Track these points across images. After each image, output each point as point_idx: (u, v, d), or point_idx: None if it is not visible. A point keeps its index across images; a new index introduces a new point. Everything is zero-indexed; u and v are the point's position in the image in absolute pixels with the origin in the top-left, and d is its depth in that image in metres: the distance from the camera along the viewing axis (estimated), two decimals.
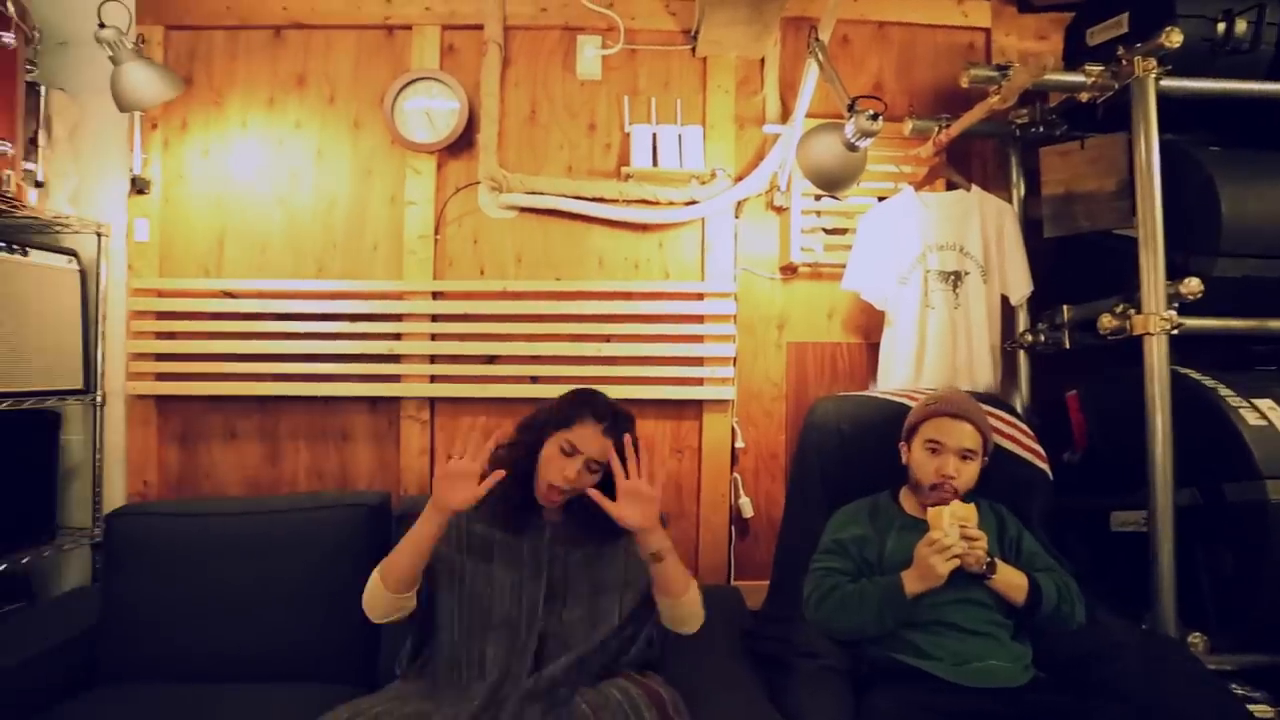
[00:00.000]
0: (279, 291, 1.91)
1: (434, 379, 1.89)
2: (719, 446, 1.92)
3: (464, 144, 1.93)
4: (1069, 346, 1.74)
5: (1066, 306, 1.75)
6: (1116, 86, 1.56)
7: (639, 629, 1.34)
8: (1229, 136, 1.72)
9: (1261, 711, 1.30)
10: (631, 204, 1.92)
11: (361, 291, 1.91)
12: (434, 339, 1.90)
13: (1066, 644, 1.30)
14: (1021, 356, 1.90)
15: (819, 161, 1.63)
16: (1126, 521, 1.58)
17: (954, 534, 1.23)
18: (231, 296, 1.91)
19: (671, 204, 1.92)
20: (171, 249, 1.95)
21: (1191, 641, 1.40)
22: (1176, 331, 1.47)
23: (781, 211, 1.95)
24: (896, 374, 1.83)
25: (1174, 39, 1.45)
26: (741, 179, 1.93)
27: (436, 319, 1.91)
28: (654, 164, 1.86)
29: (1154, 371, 1.46)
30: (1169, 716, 1.12)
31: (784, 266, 1.95)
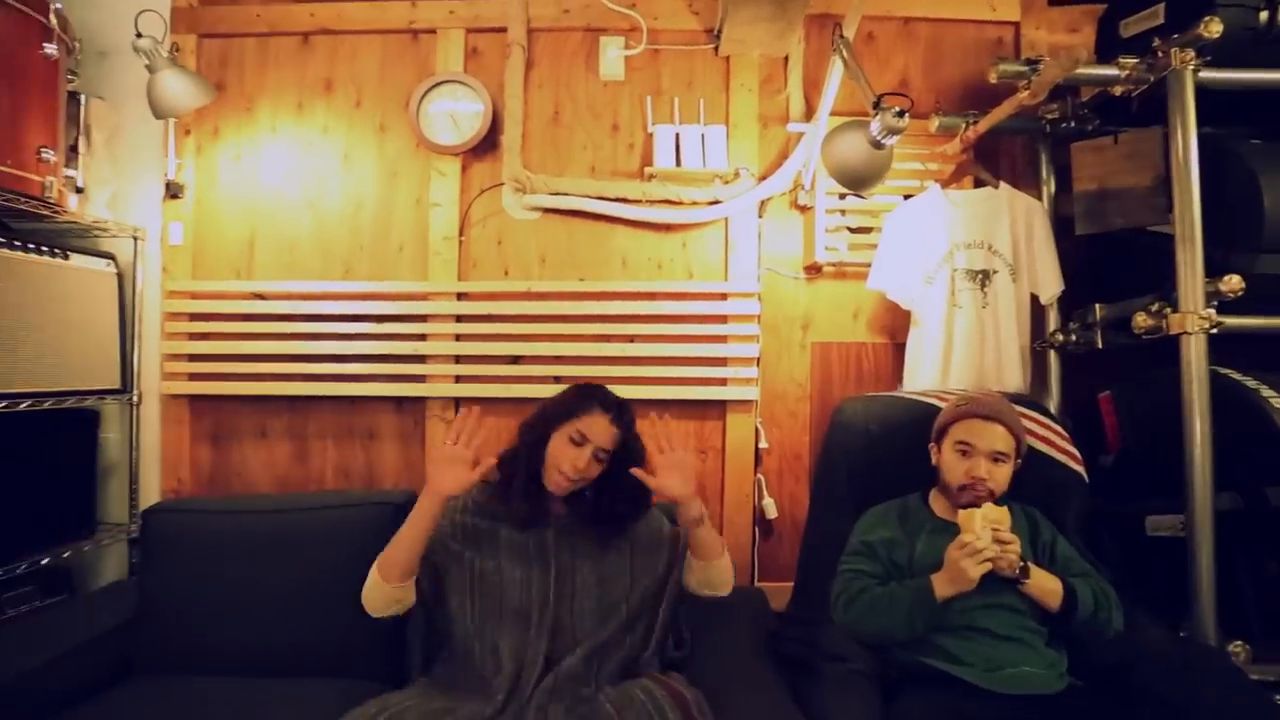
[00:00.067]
0: (307, 293, 1.95)
1: (459, 379, 1.91)
2: (743, 447, 1.91)
3: (488, 146, 1.94)
4: (1101, 346, 1.70)
5: (1099, 305, 1.71)
6: (1152, 79, 1.52)
7: (653, 620, 1.36)
8: (1270, 129, 1.66)
9: None
10: (655, 204, 1.92)
11: (387, 293, 1.93)
12: (459, 339, 1.92)
13: (1103, 651, 1.27)
14: (1052, 357, 1.86)
15: (844, 160, 1.61)
16: (1163, 526, 1.54)
17: (986, 537, 1.21)
18: (261, 298, 1.95)
19: (695, 204, 1.91)
20: (204, 251, 2.00)
21: (1233, 650, 1.37)
22: (1216, 331, 1.43)
23: (806, 210, 1.94)
24: (923, 375, 1.81)
25: (1213, 29, 1.40)
26: (765, 178, 1.92)
27: (461, 319, 1.93)
28: (677, 164, 1.86)
29: (1192, 372, 1.42)
30: None
31: (808, 266, 1.93)
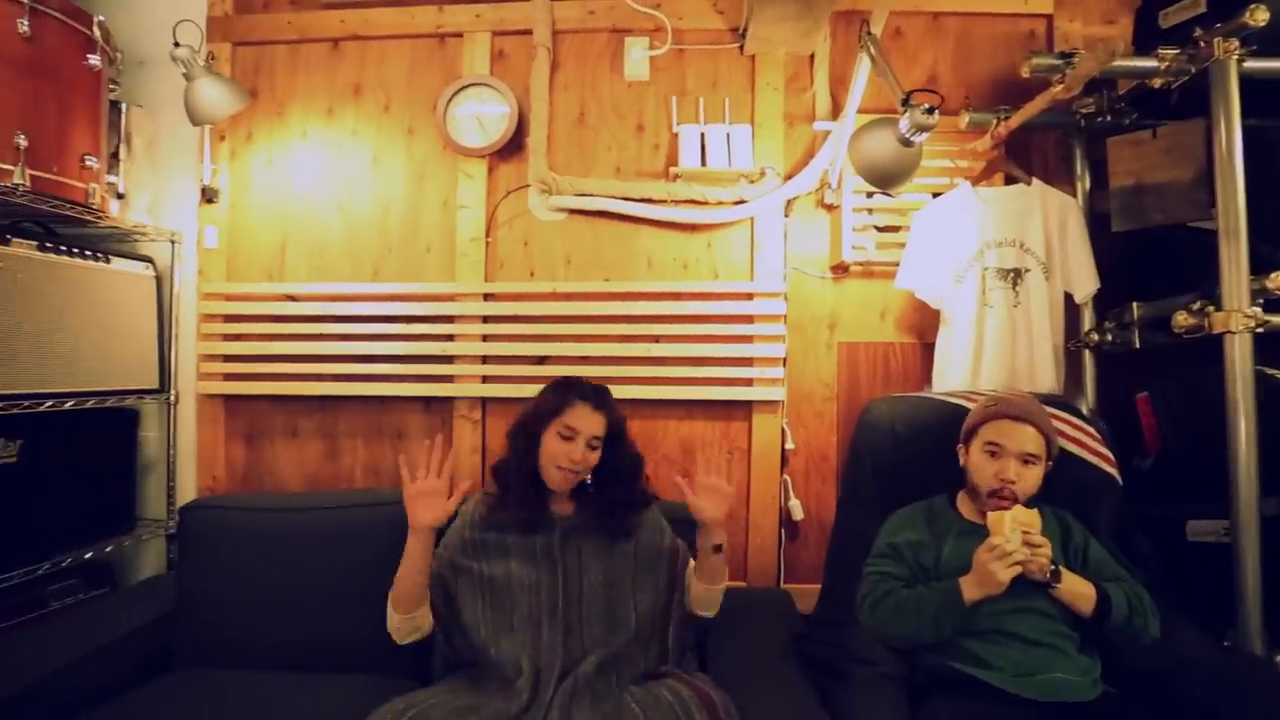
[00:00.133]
0: (337, 294, 1.98)
1: (485, 379, 1.93)
2: (769, 448, 1.90)
3: (514, 147, 1.96)
4: (1139, 346, 1.66)
5: (1136, 304, 1.66)
6: (1193, 70, 1.48)
7: (664, 640, 1.37)
8: None
9: None
10: (680, 204, 1.92)
11: (415, 294, 1.96)
12: (485, 340, 1.94)
13: (1140, 658, 1.24)
14: (1086, 356, 1.82)
15: (872, 158, 1.59)
16: (1205, 531, 1.50)
17: (1016, 540, 1.19)
18: (293, 299, 1.99)
19: (720, 204, 1.90)
20: (238, 254, 2.05)
21: None
22: (1262, 330, 1.38)
23: (832, 209, 1.92)
24: (952, 375, 1.78)
25: (1259, 17, 1.36)
26: (791, 177, 1.91)
27: (488, 320, 1.94)
28: (702, 164, 1.86)
29: (1236, 372, 1.38)
30: None
31: (835, 265, 1.91)
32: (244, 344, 2.00)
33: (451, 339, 1.94)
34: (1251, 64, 1.43)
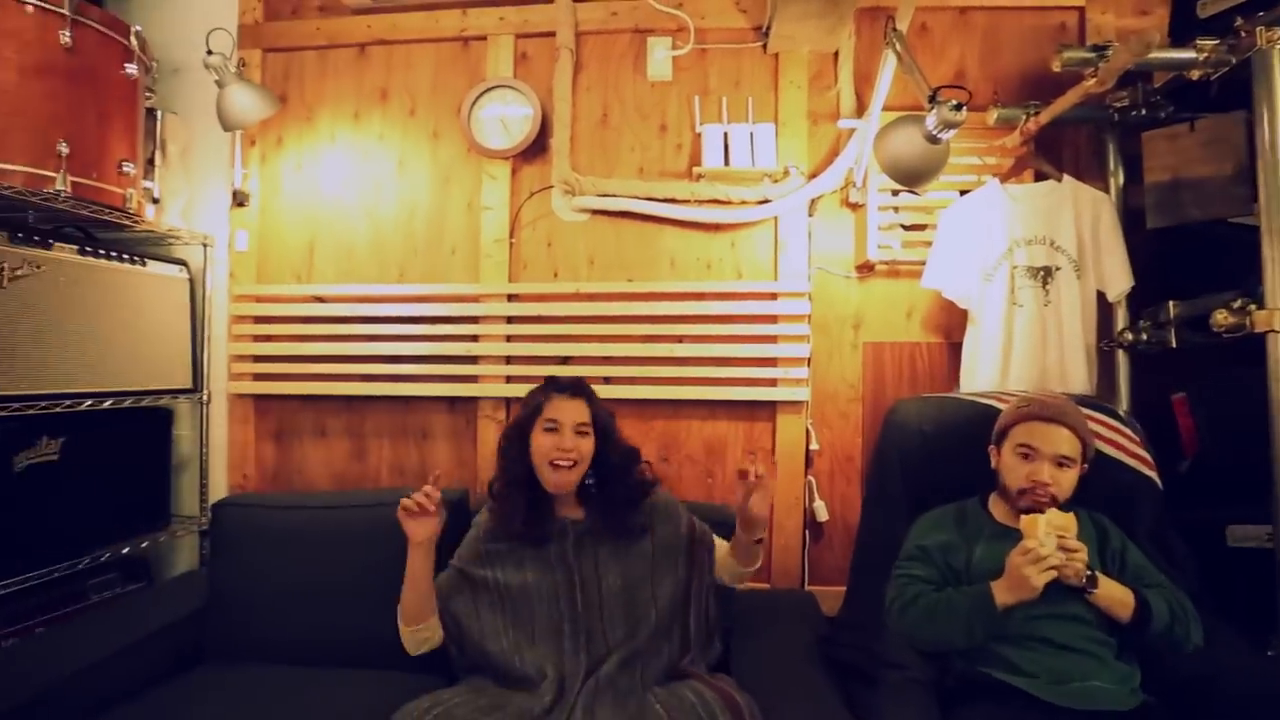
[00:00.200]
0: (364, 296, 2.01)
1: (509, 379, 1.94)
2: (793, 449, 1.89)
3: (537, 149, 1.97)
4: (1175, 345, 1.62)
5: (1172, 303, 1.62)
6: (1234, 61, 1.43)
7: (685, 626, 1.36)
8: None
9: None
10: (703, 204, 1.91)
11: (440, 295, 1.98)
12: (509, 340, 1.95)
13: (1181, 667, 1.21)
14: (1120, 356, 1.77)
15: (898, 155, 1.57)
16: (1247, 537, 1.45)
17: (1050, 543, 1.16)
18: (321, 301, 2.02)
19: (744, 203, 1.89)
20: (268, 257, 2.09)
21: None
22: None
23: (857, 208, 1.90)
24: (981, 375, 1.75)
25: None
26: (815, 176, 1.89)
27: (512, 321, 1.96)
28: (725, 163, 1.85)
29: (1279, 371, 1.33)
30: None
31: (860, 264, 1.89)
32: (273, 345, 2.04)
33: (476, 339, 1.96)
34: None
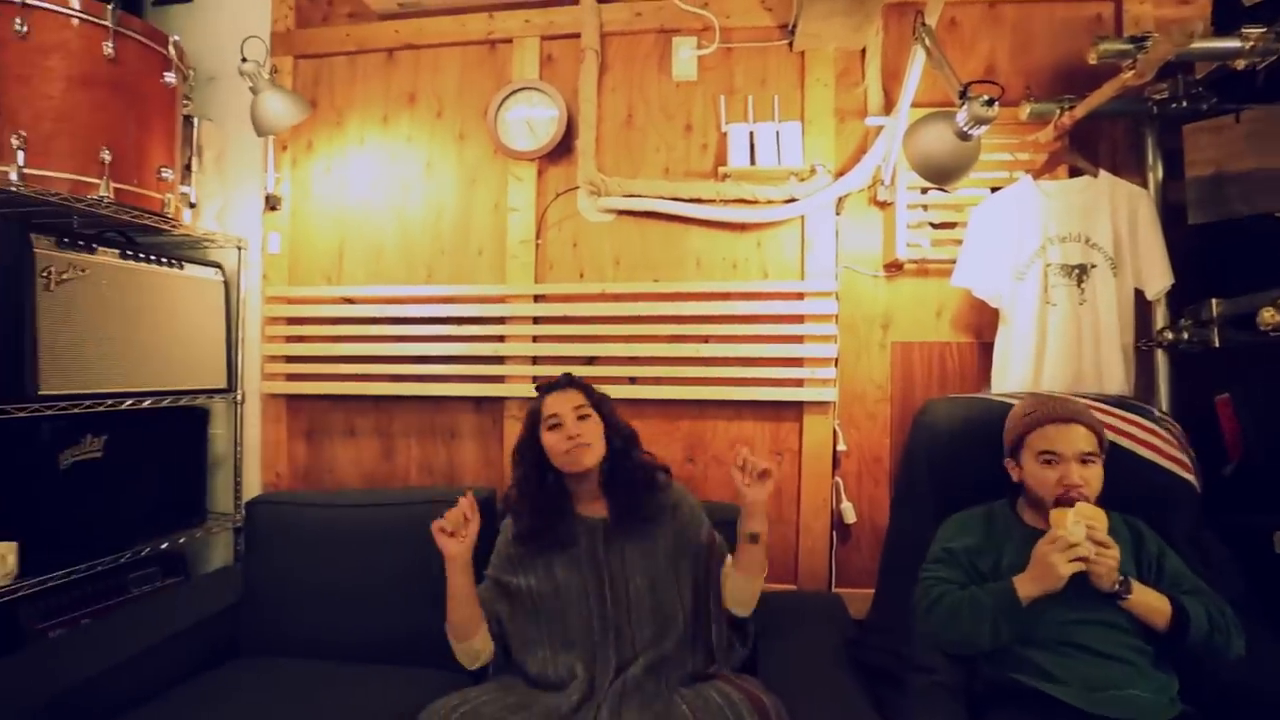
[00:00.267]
0: (392, 297, 2.04)
1: (536, 379, 1.92)
2: (820, 450, 1.87)
3: (563, 150, 1.98)
4: (1219, 345, 1.57)
5: (1215, 300, 1.57)
6: None
7: (707, 634, 1.36)
8: None
9: None
10: (729, 204, 1.90)
11: (467, 295, 2.00)
12: (535, 340, 1.97)
13: (1221, 676, 1.17)
14: (1159, 356, 1.72)
15: (928, 152, 1.55)
16: None
17: (1079, 532, 1.13)
18: (350, 302, 2.06)
19: (770, 202, 1.88)
20: (299, 259, 2.13)
21: None
22: None
23: (885, 206, 1.87)
24: (1013, 375, 1.71)
25: None
26: (842, 174, 1.87)
27: (538, 321, 1.97)
28: (751, 162, 1.84)
29: None
30: None
31: (888, 263, 1.87)
32: (304, 345, 2.08)
33: (502, 340, 1.98)
34: None
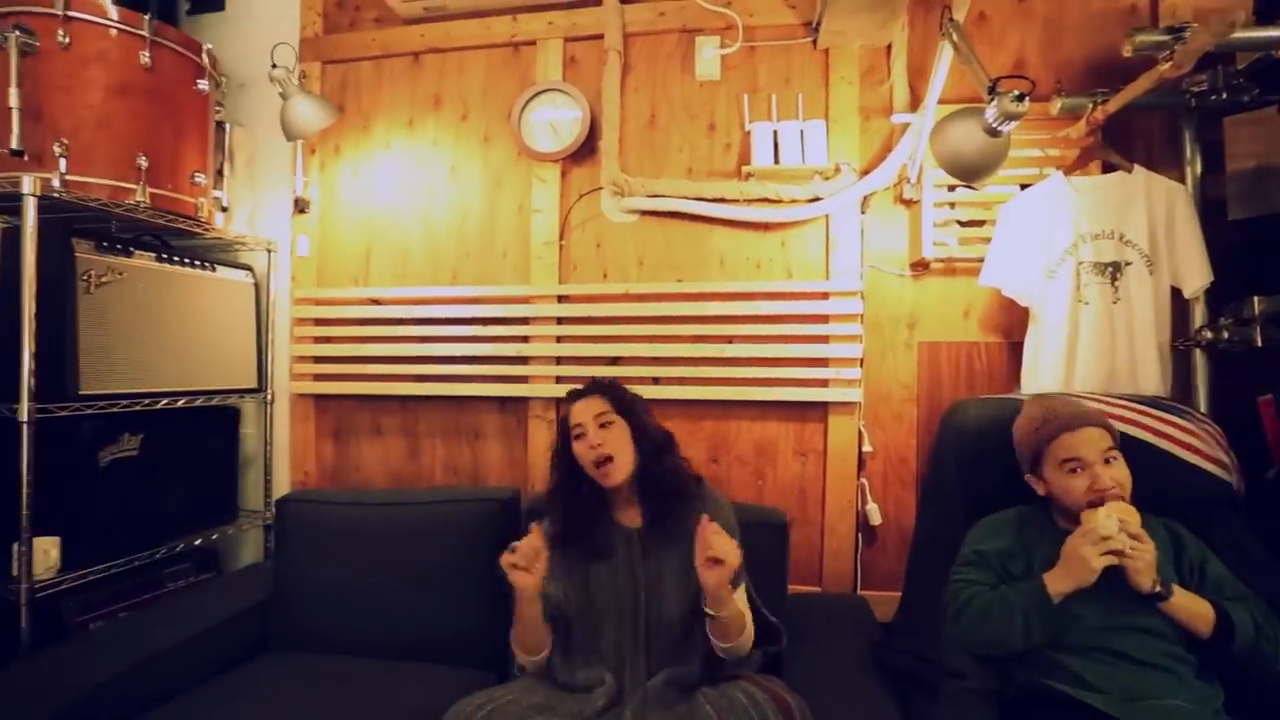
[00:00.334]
0: (418, 298, 2.06)
1: (559, 380, 1.96)
2: (845, 450, 1.85)
3: (586, 151, 1.98)
4: (1261, 344, 1.52)
5: (1257, 298, 1.52)
6: None
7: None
8: None
9: None
10: (753, 203, 1.89)
11: (492, 296, 2.01)
12: (559, 341, 1.97)
13: (1270, 686, 1.13)
14: (1198, 356, 1.67)
15: (956, 150, 1.52)
16: None
17: (1112, 524, 1.10)
18: (377, 304, 2.09)
19: (794, 201, 1.87)
20: (327, 261, 2.16)
21: None
22: None
23: (911, 205, 1.85)
24: (1043, 376, 1.68)
25: None
26: (868, 172, 1.85)
27: (562, 321, 1.98)
28: (775, 161, 1.83)
29: None
30: None
31: (915, 262, 1.84)
32: (332, 346, 2.11)
33: (526, 340, 1.99)
34: None
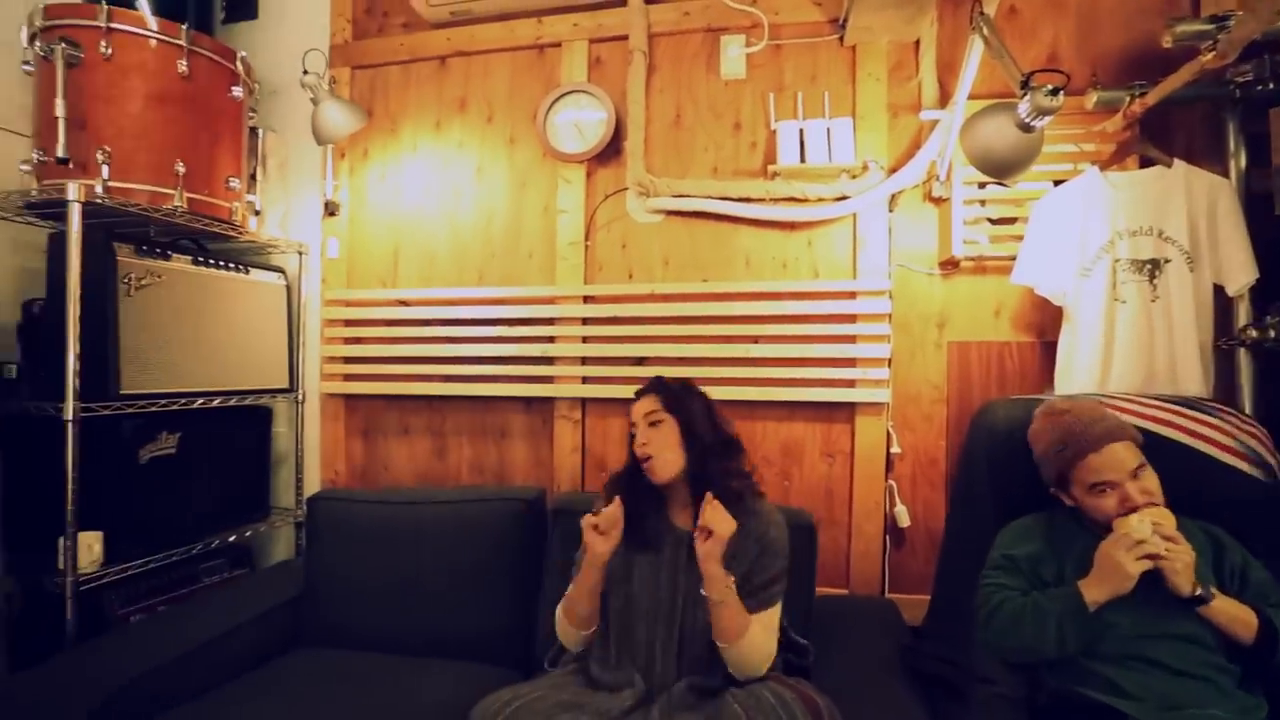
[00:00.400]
0: (445, 299, 2.08)
1: (585, 380, 1.97)
2: (873, 452, 1.83)
3: (611, 152, 1.99)
4: None
5: None
6: None
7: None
8: None
9: None
10: (779, 202, 1.88)
11: (517, 297, 2.03)
12: (585, 341, 1.98)
13: None
14: (1242, 356, 1.62)
15: (989, 146, 1.50)
16: None
17: (1146, 528, 1.08)
18: (405, 304, 2.11)
19: (820, 200, 1.85)
20: (356, 263, 2.20)
21: None
22: None
23: (941, 202, 1.82)
24: (1077, 376, 1.64)
25: None
26: (896, 170, 1.83)
27: (587, 322, 1.98)
28: (801, 160, 1.81)
29: None
30: None
31: (944, 261, 1.82)
32: (362, 346, 2.14)
33: (552, 340, 2.00)
34: None
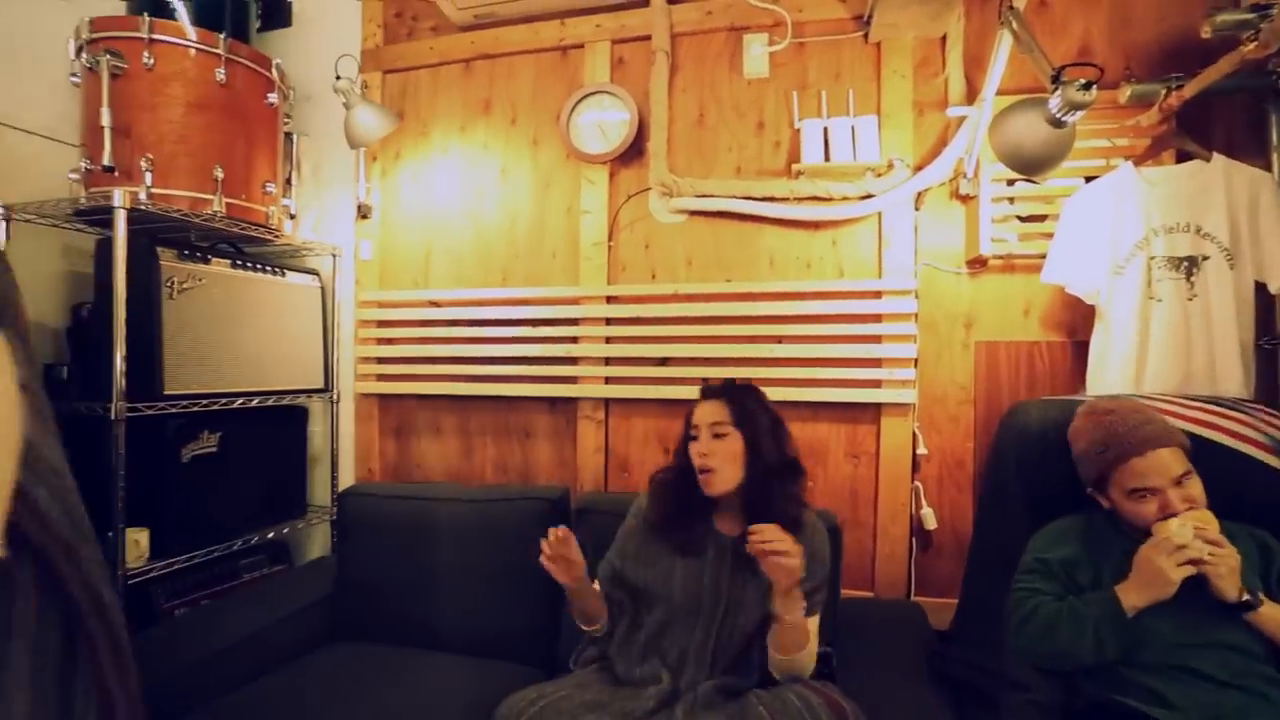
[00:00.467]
0: (470, 300, 2.12)
1: (608, 380, 1.99)
2: (898, 453, 1.81)
3: (634, 152, 2.00)
4: None
5: None
6: None
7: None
8: None
9: None
10: (802, 201, 1.87)
11: (541, 298, 2.05)
12: (608, 342, 1.99)
13: None
14: None
15: (1018, 142, 1.47)
16: None
17: (1187, 532, 1.05)
18: (436, 305, 2.15)
19: (845, 199, 1.84)
20: (388, 265, 2.24)
21: None
22: None
23: (968, 200, 1.80)
24: (1110, 377, 1.61)
25: None
26: (922, 168, 1.81)
27: (610, 322, 2.00)
28: (825, 159, 1.80)
29: None
30: None
31: (972, 260, 1.79)
32: (394, 347, 2.19)
33: (575, 341, 2.02)
34: None
